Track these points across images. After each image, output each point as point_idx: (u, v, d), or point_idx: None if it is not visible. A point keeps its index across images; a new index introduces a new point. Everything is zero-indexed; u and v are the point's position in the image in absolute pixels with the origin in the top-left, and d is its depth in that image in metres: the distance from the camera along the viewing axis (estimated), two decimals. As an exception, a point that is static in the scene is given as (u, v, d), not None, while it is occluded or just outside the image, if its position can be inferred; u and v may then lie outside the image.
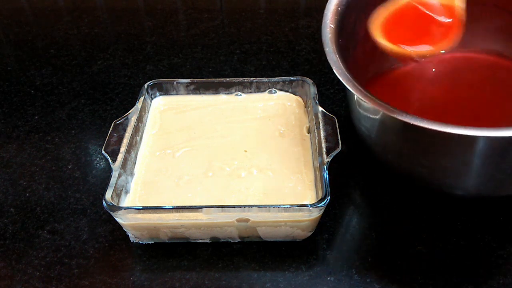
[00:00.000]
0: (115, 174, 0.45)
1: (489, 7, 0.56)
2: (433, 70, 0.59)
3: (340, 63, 0.45)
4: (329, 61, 0.45)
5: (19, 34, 0.78)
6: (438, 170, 0.44)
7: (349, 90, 0.43)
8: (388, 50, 0.49)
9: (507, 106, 0.54)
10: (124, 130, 0.50)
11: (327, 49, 0.46)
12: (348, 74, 0.44)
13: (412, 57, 0.49)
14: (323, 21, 0.49)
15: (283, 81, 0.57)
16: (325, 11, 0.49)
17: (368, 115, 0.46)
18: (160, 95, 0.57)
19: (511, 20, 0.56)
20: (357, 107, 0.47)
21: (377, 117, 0.45)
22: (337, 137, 0.48)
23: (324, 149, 0.47)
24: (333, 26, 0.48)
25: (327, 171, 0.45)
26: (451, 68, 0.59)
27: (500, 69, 0.58)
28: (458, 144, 0.41)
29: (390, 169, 0.50)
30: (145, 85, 0.56)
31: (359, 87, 0.43)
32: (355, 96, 0.44)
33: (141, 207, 0.44)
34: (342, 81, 0.44)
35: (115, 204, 0.44)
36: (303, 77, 0.56)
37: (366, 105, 0.45)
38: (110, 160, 0.47)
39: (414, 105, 0.54)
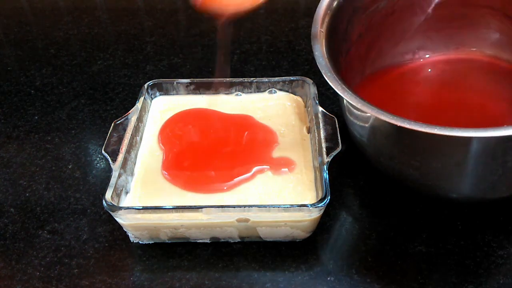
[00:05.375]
0: (115, 174, 0.45)
1: (485, 10, 0.56)
2: (429, 70, 0.59)
3: (330, 66, 0.45)
4: (318, 65, 0.45)
5: (19, 34, 0.78)
6: (430, 172, 0.44)
7: (338, 93, 0.43)
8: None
9: (502, 109, 0.54)
10: (124, 130, 0.50)
11: (316, 53, 0.46)
12: (337, 77, 0.44)
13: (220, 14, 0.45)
14: (313, 25, 0.49)
15: (283, 81, 0.57)
16: (315, 16, 0.49)
17: (358, 118, 0.46)
18: (160, 95, 0.57)
19: (507, 22, 0.55)
20: (348, 110, 0.47)
21: (367, 119, 0.44)
22: (337, 137, 0.48)
23: (324, 149, 0.47)
24: (323, 31, 0.48)
25: (327, 171, 0.45)
26: (446, 70, 0.59)
27: (495, 71, 0.58)
28: (447, 146, 0.41)
29: (384, 173, 0.50)
30: (145, 85, 0.56)
31: (348, 90, 0.43)
32: (344, 99, 0.44)
33: (141, 207, 0.44)
34: (331, 84, 0.43)
35: (115, 204, 0.44)
36: (303, 77, 0.56)
37: (355, 108, 0.45)
38: (110, 160, 0.47)
39: (408, 106, 0.54)
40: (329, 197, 0.43)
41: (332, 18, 0.49)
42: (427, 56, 0.59)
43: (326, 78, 0.44)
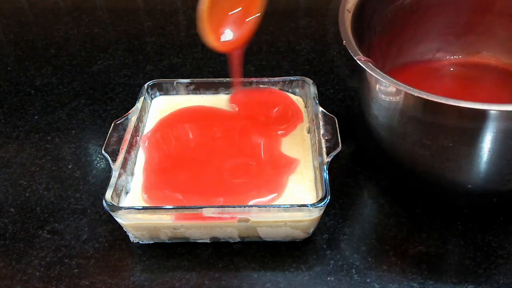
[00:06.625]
0: (115, 174, 0.45)
1: (506, 18, 0.56)
2: (451, 69, 0.60)
3: (355, 41, 0.45)
4: (342, 37, 0.45)
5: (19, 34, 0.78)
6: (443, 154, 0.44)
7: (364, 66, 0.43)
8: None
9: None
10: (124, 130, 0.50)
11: (341, 27, 0.47)
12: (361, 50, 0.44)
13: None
14: (341, 5, 0.49)
15: (283, 81, 0.57)
16: None
17: (381, 98, 0.46)
18: (160, 95, 0.57)
19: None
20: (371, 92, 0.47)
21: (393, 98, 0.44)
22: (337, 137, 0.48)
23: (324, 149, 0.47)
24: (350, 11, 0.48)
25: (327, 171, 0.45)
26: (464, 73, 0.59)
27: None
28: (469, 120, 0.41)
29: (396, 155, 0.50)
30: (145, 85, 0.56)
31: (377, 69, 0.43)
32: (369, 74, 0.43)
33: (141, 207, 0.44)
34: (359, 55, 0.43)
35: (115, 204, 0.44)
36: (303, 77, 0.56)
37: (384, 84, 0.44)
38: (110, 160, 0.47)
39: None
40: (329, 197, 0.43)
41: (360, 2, 0.50)
42: (446, 57, 0.60)
43: (350, 51, 0.44)
